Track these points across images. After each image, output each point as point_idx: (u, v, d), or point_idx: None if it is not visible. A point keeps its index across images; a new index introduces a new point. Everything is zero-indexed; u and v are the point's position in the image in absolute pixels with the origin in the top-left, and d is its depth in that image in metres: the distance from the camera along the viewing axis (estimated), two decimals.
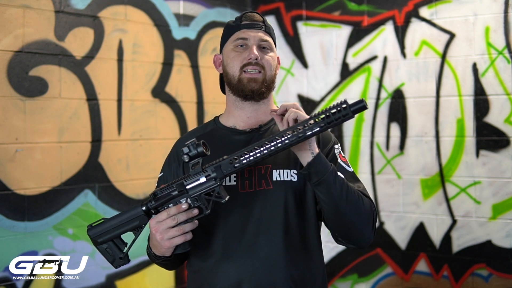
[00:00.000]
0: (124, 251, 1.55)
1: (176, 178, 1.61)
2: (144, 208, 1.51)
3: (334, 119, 1.37)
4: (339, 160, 1.62)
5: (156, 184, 1.72)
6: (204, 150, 1.45)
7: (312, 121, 1.40)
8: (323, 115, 1.38)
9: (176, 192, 1.48)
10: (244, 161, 1.44)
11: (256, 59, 1.62)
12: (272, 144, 1.42)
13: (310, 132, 1.40)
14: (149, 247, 1.56)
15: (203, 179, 1.46)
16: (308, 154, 1.46)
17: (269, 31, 1.69)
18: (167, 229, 1.45)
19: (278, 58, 1.73)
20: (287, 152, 1.61)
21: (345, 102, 1.36)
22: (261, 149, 1.43)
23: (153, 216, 1.50)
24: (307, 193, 1.61)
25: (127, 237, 1.56)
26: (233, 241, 1.57)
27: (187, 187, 1.48)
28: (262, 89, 1.63)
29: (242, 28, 1.66)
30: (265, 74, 1.63)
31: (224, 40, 1.72)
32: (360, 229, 1.53)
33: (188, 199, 1.47)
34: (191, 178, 1.48)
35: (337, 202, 1.47)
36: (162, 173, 1.73)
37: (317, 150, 1.46)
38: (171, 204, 1.48)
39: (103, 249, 1.55)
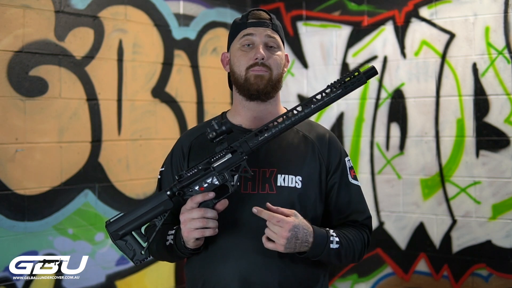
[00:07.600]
0: (145, 245, 1.50)
1: (178, 172, 1.62)
2: (169, 192, 1.50)
3: (350, 84, 1.50)
4: (349, 176, 1.66)
5: (159, 176, 1.71)
6: (231, 127, 1.49)
7: (328, 90, 1.49)
8: (339, 83, 1.50)
9: (203, 172, 1.49)
10: (269, 132, 1.49)
11: (263, 59, 1.59)
12: (294, 113, 1.49)
13: (329, 98, 1.49)
14: (181, 244, 1.52)
15: (229, 155, 1.48)
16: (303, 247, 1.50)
17: (276, 29, 1.65)
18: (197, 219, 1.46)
19: (286, 55, 1.70)
20: (294, 157, 1.61)
21: (357, 70, 1.51)
22: (284, 119, 1.49)
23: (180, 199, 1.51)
24: (309, 201, 1.60)
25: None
26: (231, 243, 1.55)
27: (214, 165, 1.48)
28: (268, 88, 1.60)
29: (249, 26, 1.63)
30: (272, 73, 1.61)
31: (231, 38, 1.68)
32: (350, 263, 1.66)
33: (215, 178, 1.48)
34: (217, 156, 1.49)
35: (330, 263, 1.62)
36: (163, 168, 1.71)
37: (309, 244, 1.50)
38: (197, 187, 1.48)
39: (122, 244, 1.50)
